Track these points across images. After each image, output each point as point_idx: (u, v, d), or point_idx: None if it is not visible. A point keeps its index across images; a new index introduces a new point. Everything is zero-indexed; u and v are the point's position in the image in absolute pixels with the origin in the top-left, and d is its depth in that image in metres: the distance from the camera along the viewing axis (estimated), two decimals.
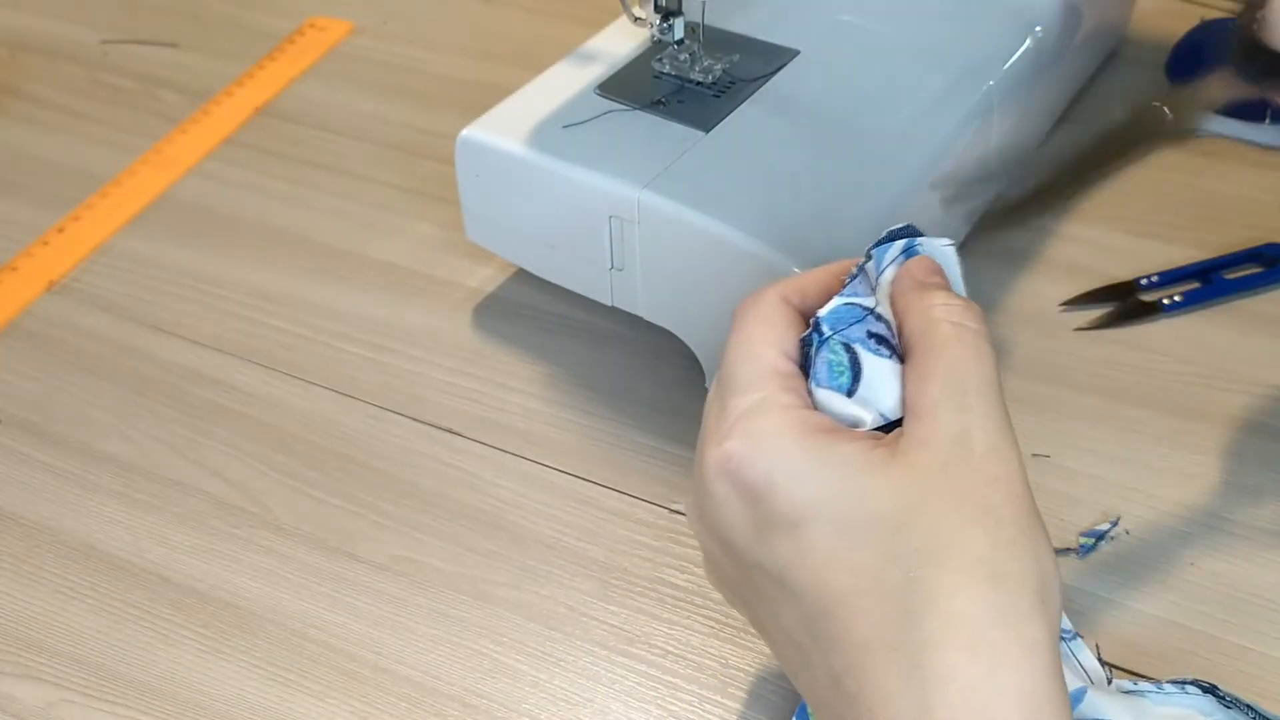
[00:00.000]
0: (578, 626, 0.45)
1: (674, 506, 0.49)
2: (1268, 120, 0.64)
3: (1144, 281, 0.57)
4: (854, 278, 0.36)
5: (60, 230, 0.65)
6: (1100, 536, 0.47)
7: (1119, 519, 0.48)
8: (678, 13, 0.54)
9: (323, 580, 0.47)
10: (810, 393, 0.33)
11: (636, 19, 0.55)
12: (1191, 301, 0.56)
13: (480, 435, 0.53)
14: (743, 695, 0.43)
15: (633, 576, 0.47)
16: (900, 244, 0.35)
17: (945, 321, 0.32)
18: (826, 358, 0.33)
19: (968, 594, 0.28)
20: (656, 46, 0.56)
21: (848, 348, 0.33)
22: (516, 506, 0.50)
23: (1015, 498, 0.30)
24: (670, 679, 0.44)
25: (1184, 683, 0.40)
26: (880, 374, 0.33)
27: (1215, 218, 0.61)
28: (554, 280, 0.55)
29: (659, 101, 0.53)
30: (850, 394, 0.33)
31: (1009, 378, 0.53)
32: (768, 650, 0.44)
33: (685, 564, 0.47)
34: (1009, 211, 0.37)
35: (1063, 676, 0.29)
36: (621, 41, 0.57)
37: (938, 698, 0.28)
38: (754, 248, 0.47)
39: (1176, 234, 0.60)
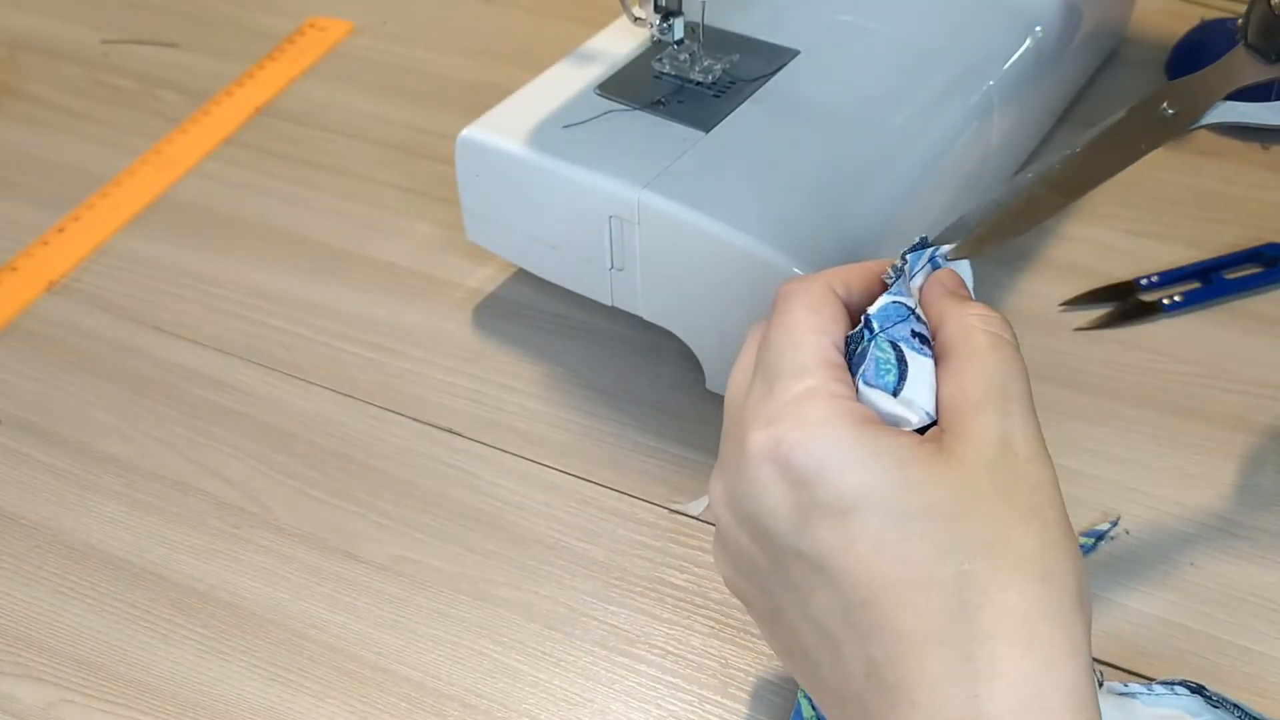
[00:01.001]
0: (578, 626, 0.46)
1: (674, 506, 0.49)
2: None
3: (1144, 281, 0.57)
4: (896, 277, 0.36)
5: (60, 230, 0.65)
6: (1100, 536, 0.47)
7: (1119, 519, 0.48)
8: (678, 13, 0.54)
9: (323, 580, 0.47)
10: (856, 389, 0.33)
11: (636, 19, 0.55)
12: (1191, 301, 0.56)
13: (480, 435, 0.53)
14: (743, 695, 0.43)
15: (633, 576, 0.47)
16: (928, 252, 0.36)
17: (984, 331, 0.33)
18: (875, 355, 0.33)
19: (1020, 590, 0.29)
20: (656, 46, 0.56)
21: (894, 346, 0.33)
22: (516, 506, 0.50)
23: (1056, 503, 0.31)
24: (670, 679, 0.44)
25: (1173, 683, 0.40)
26: (923, 374, 0.33)
27: (1215, 218, 0.61)
28: (554, 280, 0.55)
29: (659, 101, 0.53)
30: (895, 393, 0.33)
31: None
32: (769, 651, 0.44)
33: (685, 564, 0.47)
34: (991, 233, 0.36)
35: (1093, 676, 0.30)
36: (621, 41, 0.57)
37: (988, 690, 0.28)
38: (754, 248, 0.47)
39: (1176, 234, 0.60)
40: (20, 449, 0.53)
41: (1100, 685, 0.41)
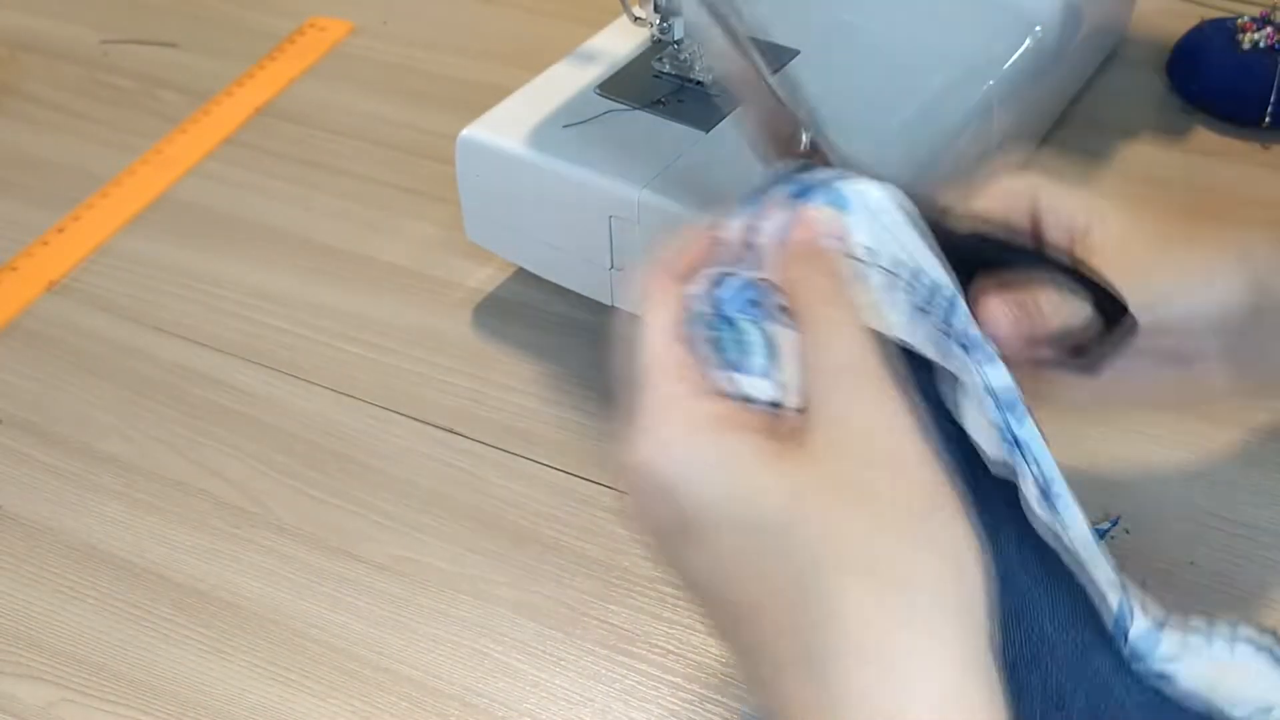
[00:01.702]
0: (578, 626, 0.46)
1: None
2: (1266, 121, 0.64)
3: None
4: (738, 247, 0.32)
5: (60, 230, 0.65)
6: (1100, 536, 0.47)
7: (1119, 519, 0.48)
8: (678, 12, 0.54)
9: (323, 580, 0.47)
10: (723, 378, 0.30)
11: (636, 19, 0.55)
12: None
13: (480, 435, 0.53)
14: (743, 695, 0.43)
15: (633, 576, 0.47)
16: (783, 191, 0.32)
17: (815, 302, 0.30)
18: (735, 339, 0.30)
19: (861, 596, 0.26)
20: (656, 46, 0.56)
21: (757, 326, 0.31)
22: (516, 506, 0.50)
23: (906, 480, 0.27)
24: (671, 678, 0.44)
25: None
26: (795, 348, 0.30)
27: (1215, 218, 0.61)
28: (554, 280, 0.55)
29: (659, 101, 0.53)
30: (768, 374, 0.30)
31: None
32: None
33: None
34: None
35: (990, 670, 0.26)
36: (621, 41, 0.57)
37: (845, 713, 0.25)
38: None
39: None
40: (21, 449, 0.53)
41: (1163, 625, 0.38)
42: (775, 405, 0.30)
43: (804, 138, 0.35)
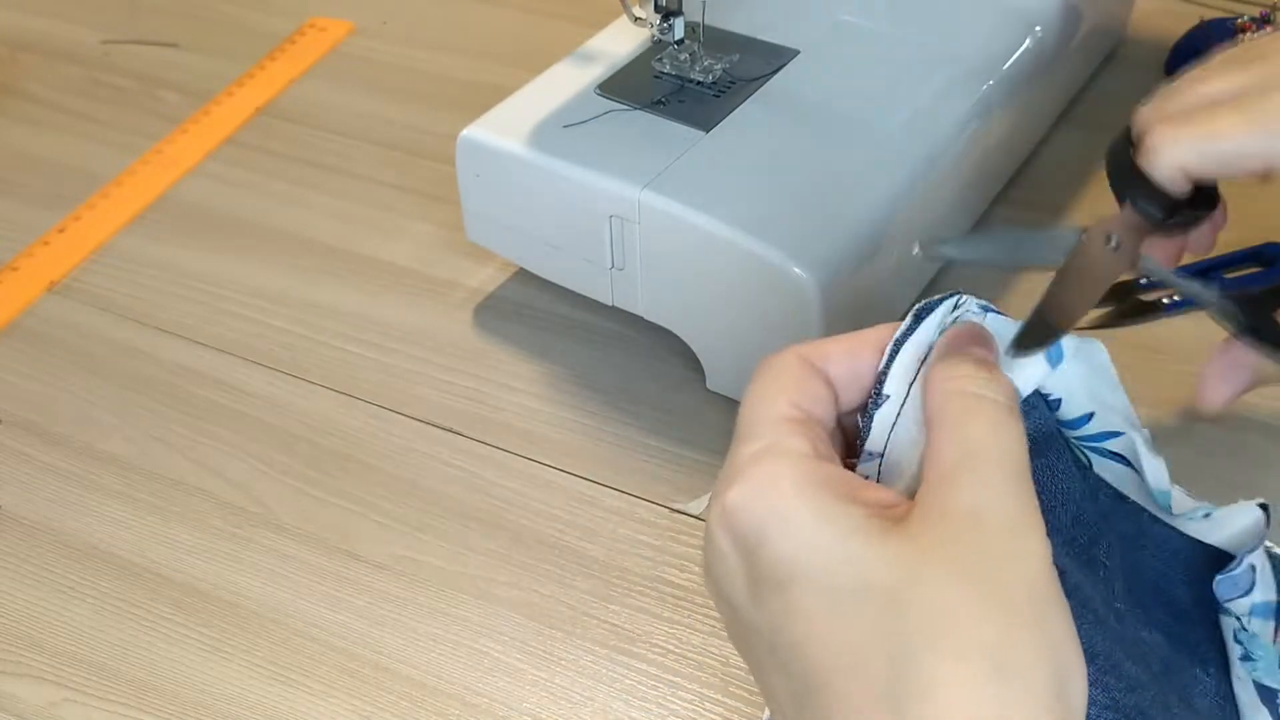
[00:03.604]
0: (578, 625, 0.46)
1: (674, 505, 0.49)
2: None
3: (1143, 281, 0.57)
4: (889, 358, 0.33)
5: (61, 230, 0.65)
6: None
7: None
8: (678, 13, 0.54)
9: (324, 579, 0.47)
10: (875, 456, 0.32)
11: (637, 19, 0.55)
12: (1191, 301, 0.56)
13: (481, 435, 0.53)
14: (743, 694, 0.43)
15: (633, 575, 0.47)
16: (941, 311, 0.34)
17: (962, 393, 0.30)
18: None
19: (969, 686, 0.25)
20: (656, 46, 0.56)
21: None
22: (517, 506, 0.50)
23: (1032, 579, 0.27)
24: (671, 678, 0.44)
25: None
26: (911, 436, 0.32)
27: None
28: (554, 280, 0.56)
29: (659, 101, 0.53)
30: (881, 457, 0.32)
31: None
32: None
33: (685, 563, 0.47)
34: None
35: None
36: (621, 41, 0.57)
37: None
38: (754, 247, 0.47)
39: None
40: (22, 449, 0.53)
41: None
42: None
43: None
